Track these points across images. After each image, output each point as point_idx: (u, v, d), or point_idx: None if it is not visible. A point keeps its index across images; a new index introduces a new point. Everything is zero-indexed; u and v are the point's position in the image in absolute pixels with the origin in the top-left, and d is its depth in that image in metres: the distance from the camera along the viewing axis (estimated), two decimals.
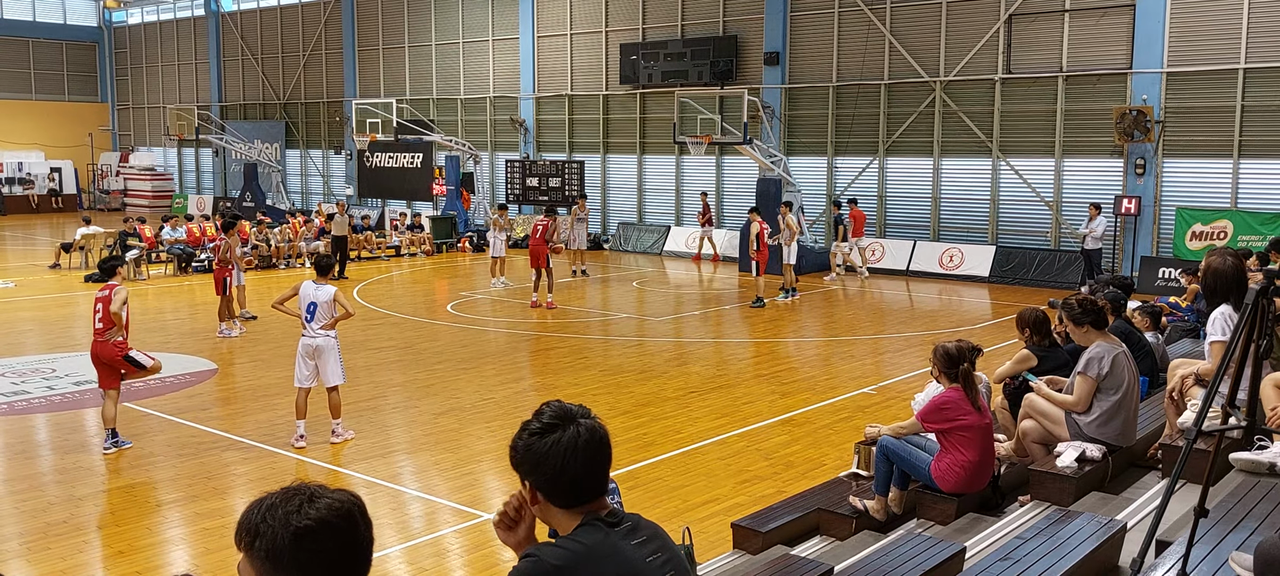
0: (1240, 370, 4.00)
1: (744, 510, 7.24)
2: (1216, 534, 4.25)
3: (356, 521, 1.99)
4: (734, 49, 26.01)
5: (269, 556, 1.92)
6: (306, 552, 1.92)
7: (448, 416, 10.90)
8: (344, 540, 1.96)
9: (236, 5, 39.93)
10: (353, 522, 1.98)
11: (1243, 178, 19.69)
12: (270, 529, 1.93)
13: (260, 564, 1.94)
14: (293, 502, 1.95)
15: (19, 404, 11.26)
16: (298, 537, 1.91)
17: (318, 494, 1.99)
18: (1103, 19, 20.86)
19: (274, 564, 1.93)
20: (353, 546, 1.98)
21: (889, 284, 22.17)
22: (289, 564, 1.92)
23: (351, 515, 1.98)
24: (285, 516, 1.93)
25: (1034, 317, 7.36)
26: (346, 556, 1.97)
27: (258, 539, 1.93)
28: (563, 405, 2.48)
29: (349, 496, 2.02)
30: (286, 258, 24.23)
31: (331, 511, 1.96)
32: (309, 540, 1.92)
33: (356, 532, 1.98)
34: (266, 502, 1.97)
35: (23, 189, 41.67)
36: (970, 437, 5.99)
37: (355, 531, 1.98)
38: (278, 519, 1.93)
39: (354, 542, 1.98)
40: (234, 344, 14.88)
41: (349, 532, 1.97)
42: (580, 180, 28.83)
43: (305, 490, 1.99)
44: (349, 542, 1.97)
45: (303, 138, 38.03)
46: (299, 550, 1.91)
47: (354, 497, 2.02)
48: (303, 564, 1.92)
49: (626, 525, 2.47)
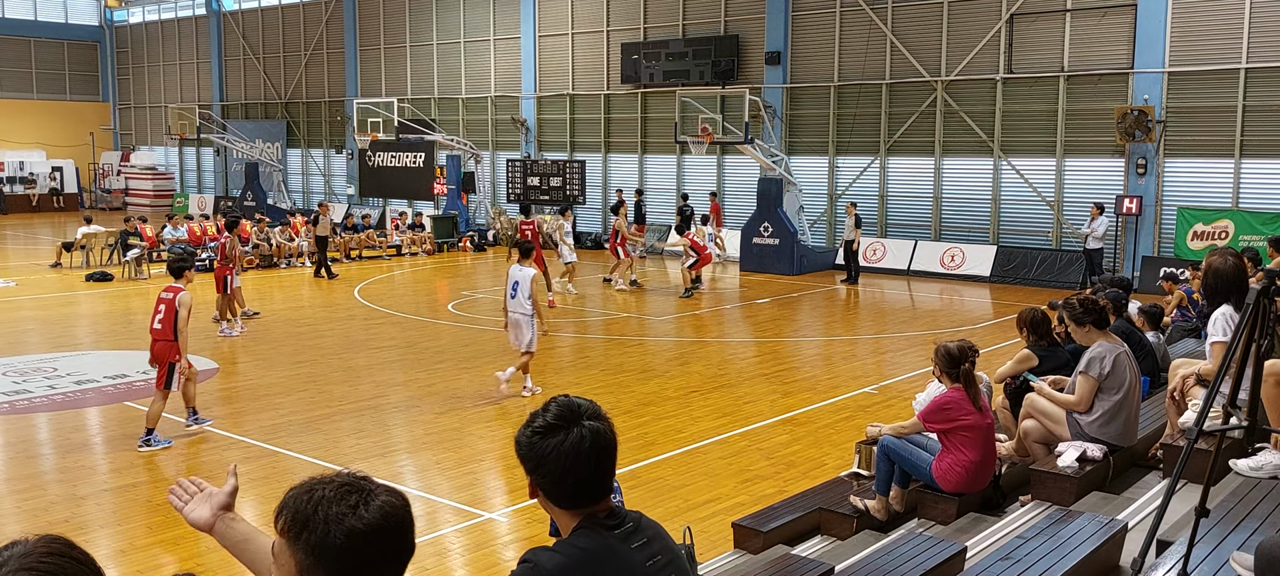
0: (1241, 370, 4.00)
1: (745, 509, 7.23)
2: (1217, 534, 4.25)
3: (406, 527, 1.92)
4: (735, 48, 26.01)
5: (315, 550, 1.84)
6: (355, 554, 1.84)
7: (449, 416, 10.90)
8: (394, 545, 1.89)
9: (238, 4, 39.94)
10: (403, 529, 1.91)
11: (1244, 177, 19.68)
12: (322, 524, 1.83)
13: (303, 556, 1.85)
14: (348, 500, 1.85)
15: (20, 403, 11.26)
16: (350, 537, 1.83)
17: (372, 493, 1.88)
18: (1104, 19, 20.85)
19: (318, 558, 1.84)
20: (400, 552, 1.91)
21: (890, 283, 22.17)
22: (333, 562, 1.84)
23: (403, 521, 1.92)
24: (340, 514, 1.84)
25: (1034, 317, 7.36)
26: (392, 562, 1.91)
27: (306, 531, 1.84)
28: (570, 403, 2.42)
29: (400, 500, 1.93)
30: (287, 257, 24.23)
31: (385, 515, 1.87)
32: (361, 542, 1.84)
33: (405, 539, 1.92)
34: (318, 494, 1.87)
35: (24, 188, 41.70)
36: (971, 437, 5.99)
37: (404, 537, 1.92)
38: (331, 515, 1.84)
39: (401, 548, 1.92)
40: (235, 343, 14.88)
41: (398, 538, 1.90)
42: (578, 179, 28.85)
43: (361, 486, 1.89)
44: (397, 548, 1.91)
45: (304, 137, 38.05)
46: (348, 550, 1.83)
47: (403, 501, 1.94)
48: (348, 565, 1.84)
49: (627, 526, 2.45)
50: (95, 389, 11.94)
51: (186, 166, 43.80)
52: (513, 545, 7.35)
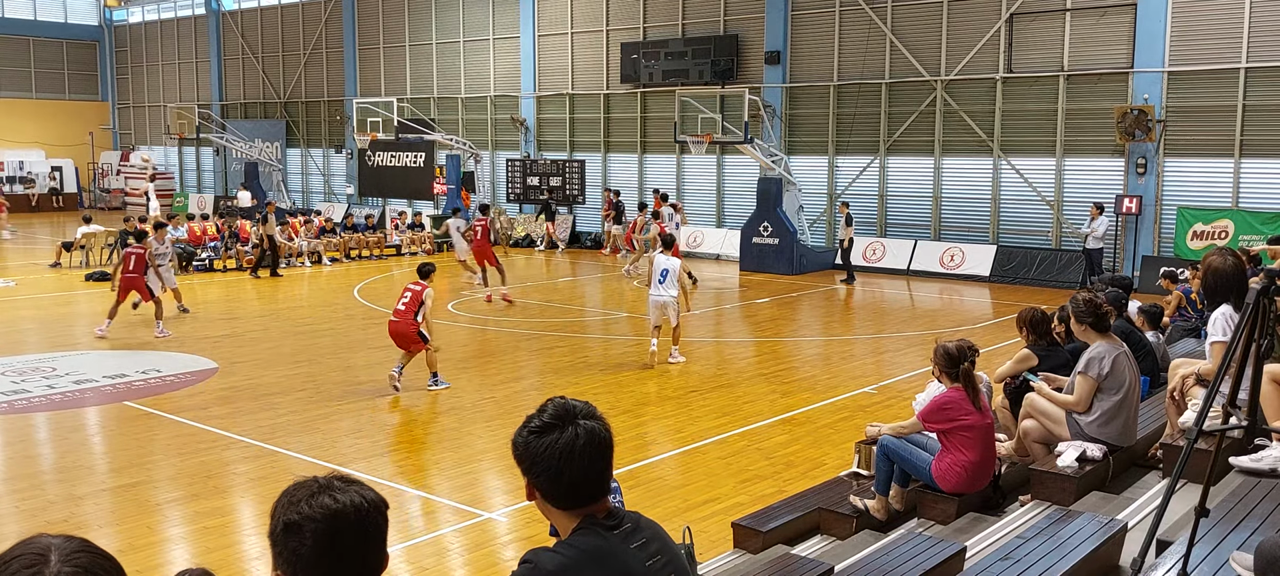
0: (1241, 370, 3.99)
1: (744, 509, 7.23)
2: (1217, 533, 4.25)
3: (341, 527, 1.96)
4: (735, 48, 26.00)
5: (270, 537, 2.00)
6: (291, 546, 1.96)
7: (448, 415, 10.89)
8: (322, 544, 1.95)
9: (237, 4, 39.92)
10: (336, 527, 1.95)
11: (1244, 177, 19.67)
12: (276, 513, 2.00)
13: (269, 543, 2.01)
14: (301, 492, 1.99)
15: (19, 403, 11.25)
16: (286, 529, 1.97)
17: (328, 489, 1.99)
18: (1104, 18, 20.85)
19: (272, 544, 2.00)
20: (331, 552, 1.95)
21: (890, 283, 22.16)
22: (279, 553, 1.98)
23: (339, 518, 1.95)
24: (286, 505, 1.97)
25: (1034, 317, 7.35)
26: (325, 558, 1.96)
27: (270, 520, 2.01)
28: (566, 403, 2.43)
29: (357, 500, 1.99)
30: (287, 256, 24.22)
31: (321, 510, 1.95)
32: (293, 535, 1.96)
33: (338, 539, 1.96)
34: (292, 487, 2.02)
35: (24, 188, 41.68)
36: (971, 437, 5.98)
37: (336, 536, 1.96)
38: (282, 505, 1.99)
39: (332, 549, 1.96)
40: (236, 343, 14.85)
41: (328, 536, 1.95)
42: (578, 179, 28.78)
43: (325, 483, 2.01)
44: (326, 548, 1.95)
45: (303, 137, 38.03)
46: (286, 540, 1.97)
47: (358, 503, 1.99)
48: (287, 554, 1.97)
49: (626, 526, 2.45)
50: (94, 388, 11.93)
51: (186, 166, 43.78)
52: (512, 545, 7.34)
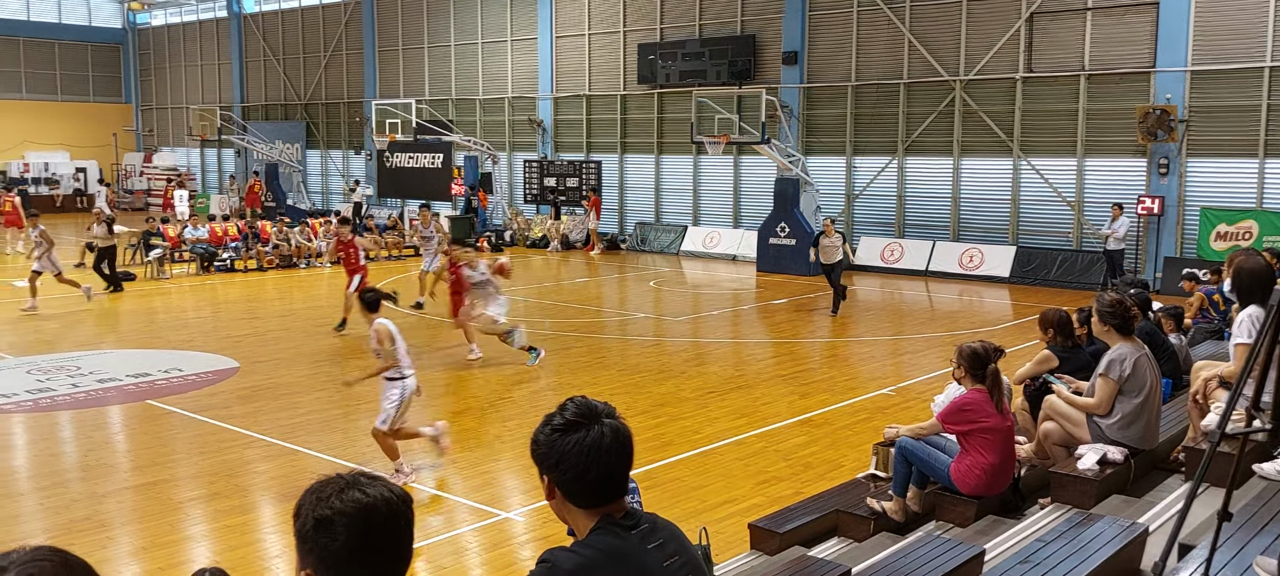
0: (1265, 372, 3.95)
1: (762, 511, 7.21)
2: (1240, 538, 4.21)
3: (383, 522, 1.99)
4: (752, 48, 25.96)
5: (299, 536, 2.01)
6: (322, 542, 1.97)
7: (466, 415, 10.93)
8: (355, 539, 1.97)
9: (258, 7, 40.23)
10: (369, 522, 1.98)
11: (1268, 177, 19.45)
12: (303, 510, 2.01)
13: (297, 541, 2.02)
14: (330, 488, 2.00)
15: (43, 401, 11.38)
16: (317, 525, 1.97)
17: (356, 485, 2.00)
18: (1125, 17, 20.67)
19: (300, 542, 2.01)
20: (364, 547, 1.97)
21: (908, 284, 22.06)
22: (308, 550, 1.99)
23: (371, 512, 1.98)
24: (315, 502, 1.99)
25: (1057, 318, 7.31)
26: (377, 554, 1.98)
27: (296, 518, 2.01)
28: (587, 402, 2.44)
29: (388, 494, 2.01)
30: (306, 257, 24.39)
31: (353, 505, 1.97)
32: (325, 530, 1.96)
33: (383, 534, 1.98)
34: (317, 484, 2.03)
35: (48, 189, 42.16)
36: (991, 440, 5.95)
37: (383, 532, 1.98)
38: (310, 502, 2.00)
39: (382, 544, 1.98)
40: (257, 342, 14.95)
41: (361, 531, 1.97)
42: (595, 180, 28.81)
43: (351, 480, 2.02)
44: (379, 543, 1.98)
45: (323, 138, 38.27)
46: (317, 537, 1.97)
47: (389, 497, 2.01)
48: (318, 551, 1.98)
49: (644, 526, 2.45)
50: (117, 387, 12.05)
51: (208, 167, 44.15)
52: (530, 544, 7.36)
